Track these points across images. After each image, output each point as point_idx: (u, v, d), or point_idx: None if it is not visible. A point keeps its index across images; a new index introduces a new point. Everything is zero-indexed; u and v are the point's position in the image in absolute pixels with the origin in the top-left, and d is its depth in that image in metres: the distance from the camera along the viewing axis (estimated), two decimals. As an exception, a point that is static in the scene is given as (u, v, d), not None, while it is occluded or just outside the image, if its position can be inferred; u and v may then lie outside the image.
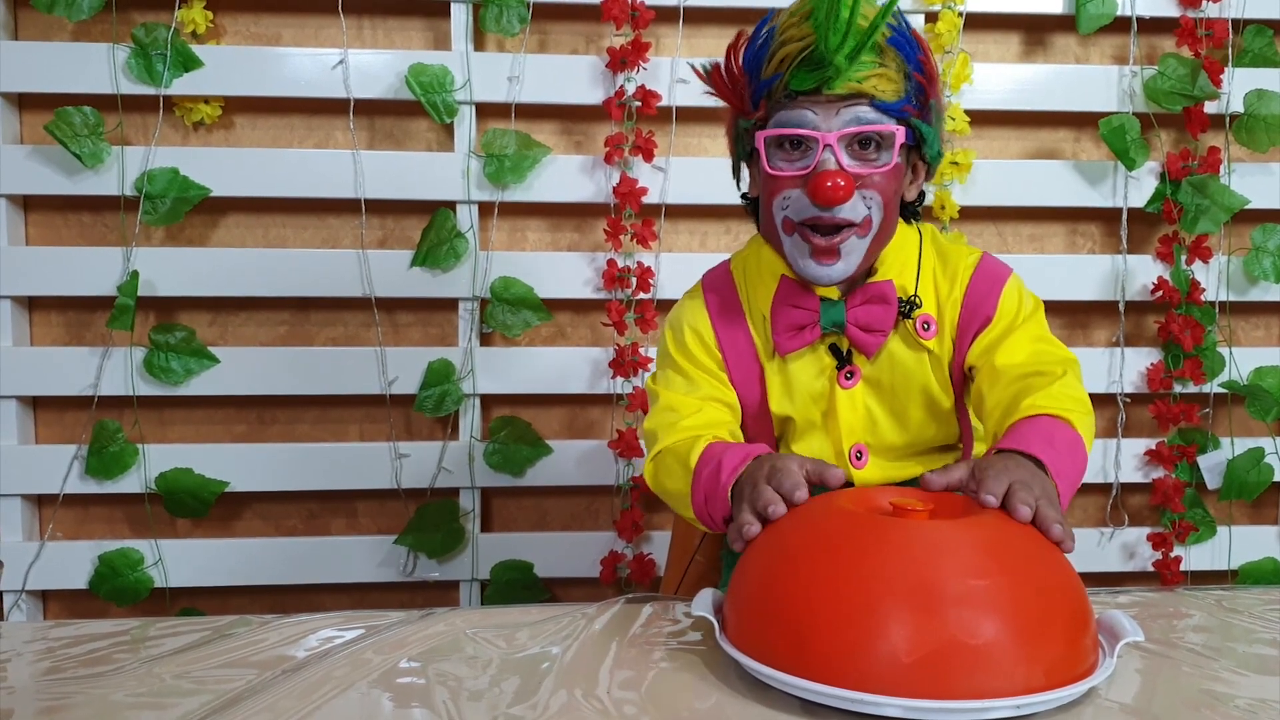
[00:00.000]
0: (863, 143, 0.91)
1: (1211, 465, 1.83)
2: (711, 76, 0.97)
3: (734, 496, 0.86)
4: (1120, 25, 1.77)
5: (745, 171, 1.04)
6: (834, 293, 0.99)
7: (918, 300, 0.99)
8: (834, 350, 1.00)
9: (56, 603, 1.79)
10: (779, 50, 0.90)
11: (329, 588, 1.80)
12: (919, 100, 0.93)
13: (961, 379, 1.02)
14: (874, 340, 0.98)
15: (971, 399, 1.01)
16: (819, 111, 0.90)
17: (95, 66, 1.66)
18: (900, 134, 0.91)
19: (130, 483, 1.72)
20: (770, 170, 0.92)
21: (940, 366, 1.01)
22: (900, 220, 1.01)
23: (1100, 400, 1.76)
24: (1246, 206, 1.76)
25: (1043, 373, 0.93)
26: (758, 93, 0.93)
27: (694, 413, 0.99)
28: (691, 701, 0.71)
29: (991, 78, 1.77)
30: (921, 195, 1.03)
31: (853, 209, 0.91)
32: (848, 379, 1.00)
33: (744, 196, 1.06)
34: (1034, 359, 0.95)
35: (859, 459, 1.02)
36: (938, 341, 1.00)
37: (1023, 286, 1.02)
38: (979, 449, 1.08)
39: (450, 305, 1.77)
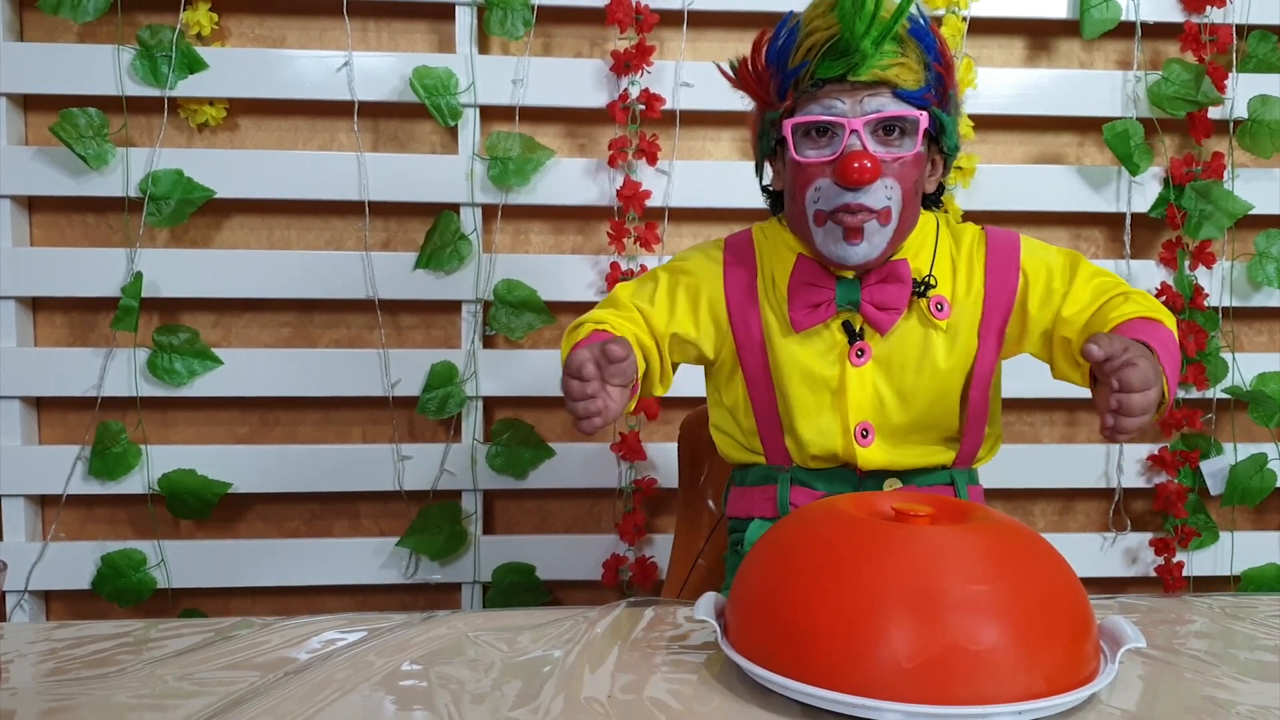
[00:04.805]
0: (887, 129, 0.95)
1: (1214, 471, 1.83)
2: (738, 71, 1.01)
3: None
4: (1124, 30, 1.77)
5: (768, 169, 1.08)
6: (850, 271, 1.00)
7: (932, 280, 1.01)
8: (846, 328, 1.02)
9: (59, 603, 1.80)
10: (805, 40, 0.94)
11: (331, 589, 1.80)
12: (938, 90, 0.97)
13: (991, 357, 1.03)
14: (888, 318, 1.00)
15: (1051, 341, 1.03)
16: (845, 100, 0.94)
17: (100, 68, 1.67)
18: (924, 120, 0.94)
19: (133, 484, 1.72)
20: (798, 158, 0.95)
21: (954, 346, 1.02)
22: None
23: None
24: (1250, 212, 1.76)
25: (1121, 293, 0.98)
26: (784, 83, 0.96)
27: (624, 315, 1.03)
28: (693, 705, 0.71)
29: (995, 82, 1.77)
30: (941, 188, 1.06)
31: (874, 195, 0.93)
32: (858, 357, 1.01)
33: (765, 190, 1.09)
34: (1101, 291, 1.00)
35: (865, 437, 1.03)
36: (950, 323, 1.01)
37: (1036, 242, 1.05)
38: (984, 451, 1.09)
39: (453, 308, 1.78)
